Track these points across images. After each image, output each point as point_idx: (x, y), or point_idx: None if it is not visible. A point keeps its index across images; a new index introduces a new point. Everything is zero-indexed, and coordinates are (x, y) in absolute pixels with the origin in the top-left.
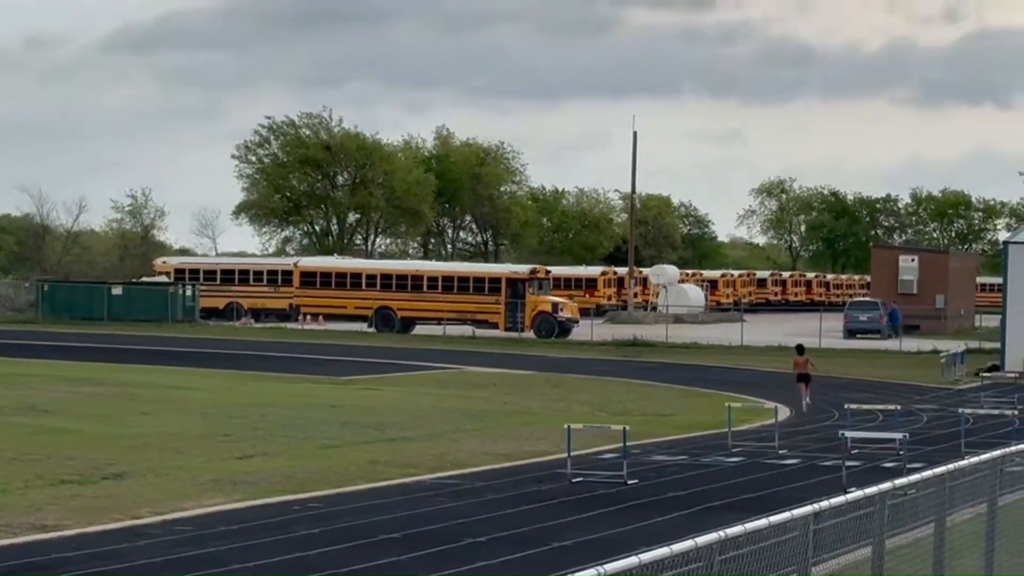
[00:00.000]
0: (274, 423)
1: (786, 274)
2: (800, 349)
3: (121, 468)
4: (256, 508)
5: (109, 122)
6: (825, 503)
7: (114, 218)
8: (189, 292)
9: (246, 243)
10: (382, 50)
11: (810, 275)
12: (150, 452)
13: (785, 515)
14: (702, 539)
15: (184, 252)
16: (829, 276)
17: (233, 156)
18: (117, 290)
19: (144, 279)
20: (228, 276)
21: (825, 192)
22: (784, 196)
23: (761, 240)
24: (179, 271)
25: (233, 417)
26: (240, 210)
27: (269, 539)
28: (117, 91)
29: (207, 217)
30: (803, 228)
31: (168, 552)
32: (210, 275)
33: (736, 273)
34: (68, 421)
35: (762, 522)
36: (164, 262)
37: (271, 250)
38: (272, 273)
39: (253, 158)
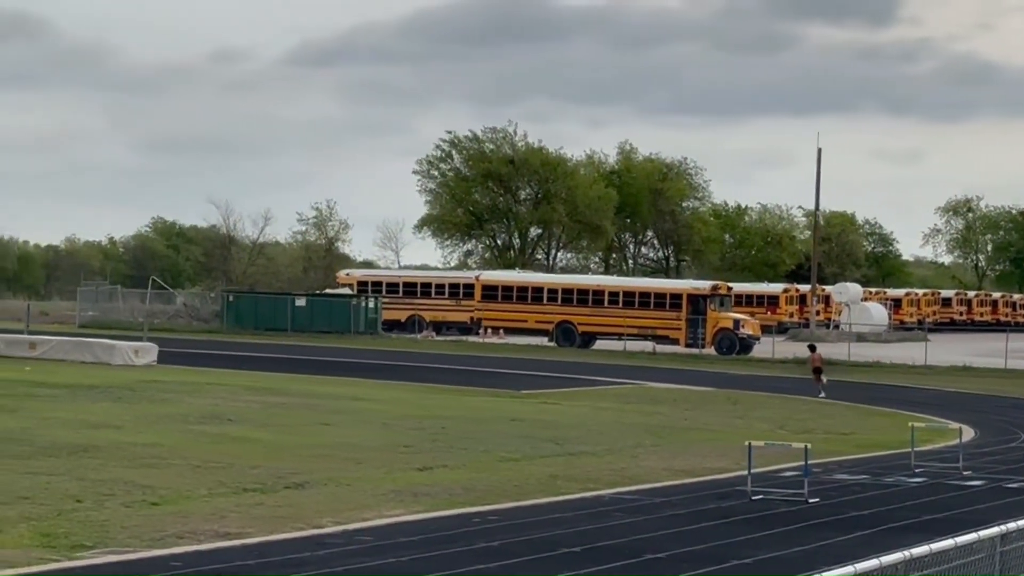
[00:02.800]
0: (454, 435)
1: (971, 293)
2: (812, 348)
3: (303, 478)
4: (436, 520)
5: (293, 135)
6: (1012, 525)
7: (299, 230)
8: (372, 304)
9: (428, 256)
10: (560, 67)
11: (996, 295)
12: (331, 462)
13: (971, 536)
14: (887, 558)
15: (367, 265)
16: (1016, 296)
17: (415, 171)
18: (301, 302)
19: (327, 291)
20: (410, 289)
21: (1013, 212)
22: (971, 215)
23: (947, 259)
24: (362, 283)
25: (413, 429)
26: (423, 224)
27: (449, 551)
28: (301, 105)
29: (390, 230)
30: (990, 248)
31: (349, 562)
32: (392, 288)
33: (920, 292)
34: (251, 430)
35: (948, 542)
36: (347, 274)
37: (453, 263)
38: (454, 286)
39: (436, 172)
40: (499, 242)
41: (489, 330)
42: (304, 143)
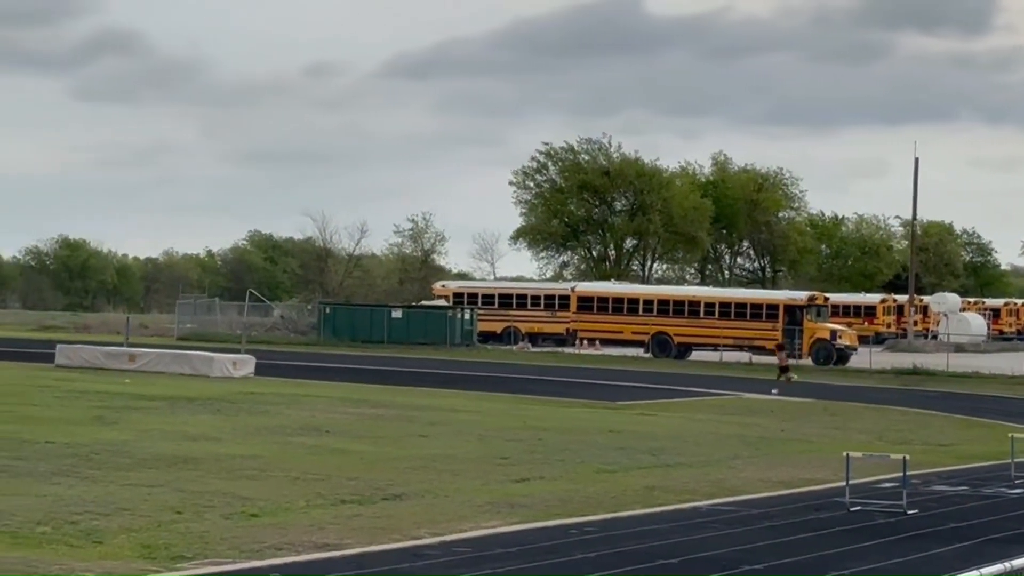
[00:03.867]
0: (551, 447)
1: None
2: (780, 347)
3: (400, 489)
4: (533, 531)
5: (388, 148)
6: None
7: (395, 242)
8: (467, 316)
9: (524, 267)
10: (654, 78)
11: None
12: (428, 474)
13: None
14: (987, 570)
15: (463, 276)
16: None
17: (510, 183)
18: (397, 313)
19: (423, 303)
20: (506, 300)
21: None
22: None
23: None
24: (457, 295)
25: (510, 440)
26: (518, 235)
27: (546, 562)
28: (395, 117)
29: (486, 241)
30: None
31: (447, 573)
32: (488, 299)
33: (1019, 302)
34: (348, 442)
35: None
36: (443, 286)
37: (548, 275)
38: (549, 298)
39: (531, 183)
40: (594, 253)
41: (585, 341)
42: (399, 155)
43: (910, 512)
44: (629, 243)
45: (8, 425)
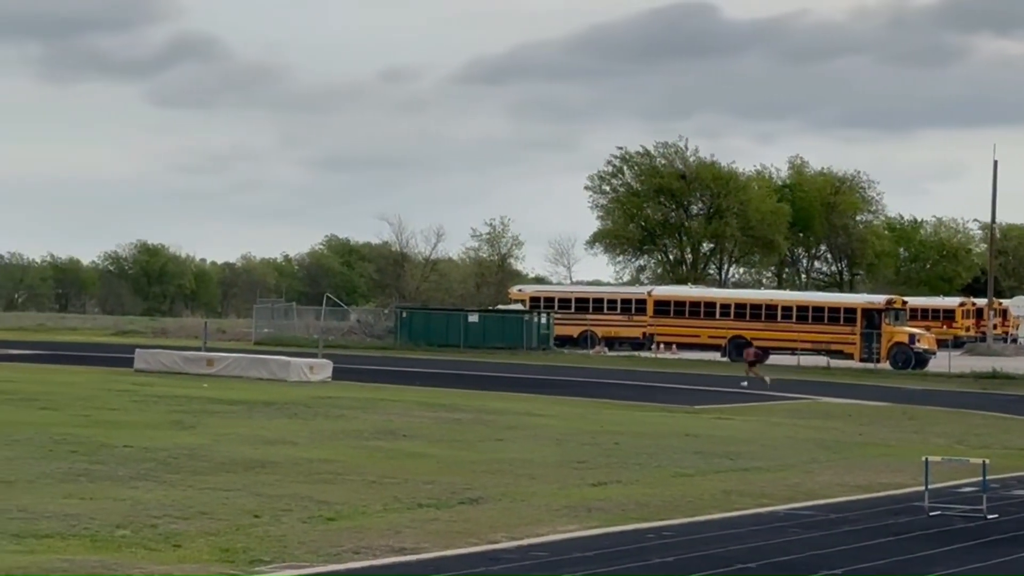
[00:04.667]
0: (627, 451)
1: None
2: (748, 343)
3: (477, 493)
4: (610, 535)
5: (464, 152)
6: None
7: (471, 246)
8: (544, 320)
9: (600, 271)
10: (730, 81)
11: None
12: (505, 477)
13: None
14: None
15: (539, 280)
16: None
17: (587, 187)
18: (473, 317)
19: (500, 307)
20: (582, 304)
21: None
22: None
23: None
24: (534, 299)
25: (586, 444)
26: (595, 239)
27: (623, 566)
28: (471, 122)
29: (562, 246)
30: None
31: None
32: (564, 303)
33: None
34: (425, 446)
35: None
36: (520, 290)
37: (625, 279)
38: (626, 302)
39: (607, 188)
40: (671, 257)
41: (661, 345)
42: (475, 160)
43: (990, 517)
44: (706, 247)
45: (87, 429)
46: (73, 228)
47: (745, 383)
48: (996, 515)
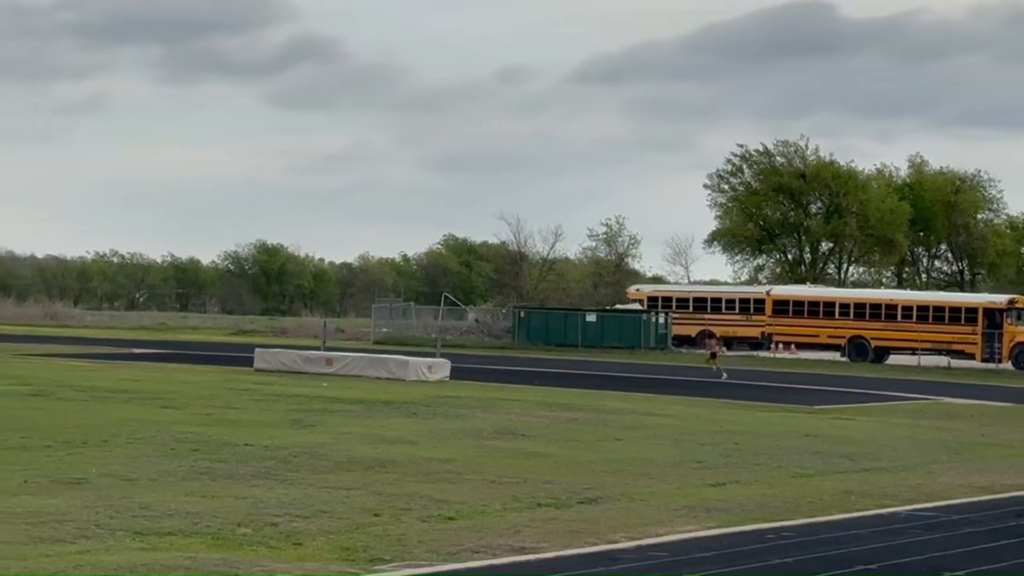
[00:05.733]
0: (746, 451)
1: None
2: (711, 335)
3: (596, 493)
4: (729, 535)
5: (581, 152)
6: None
7: (588, 246)
8: (662, 320)
9: (718, 271)
10: (848, 80)
11: None
12: (623, 477)
13: None
14: None
15: (657, 280)
16: None
17: (705, 186)
18: (591, 317)
19: (617, 306)
20: (700, 304)
21: None
22: None
23: None
24: (652, 299)
25: (705, 444)
26: (713, 238)
27: (743, 567)
28: (587, 122)
29: (680, 245)
30: None
31: None
32: (682, 303)
33: None
34: (543, 445)
35: None
36: (637, 290)
37: (743, 278)
38: (744, 301)
39: (726, 186)
40: (790, 256)
41: (780, 345)
42: (592, 159)
43: None
44: (825, 246)
45: (209, 428)
46: (193, 228)
47: (725, 376)
48: None
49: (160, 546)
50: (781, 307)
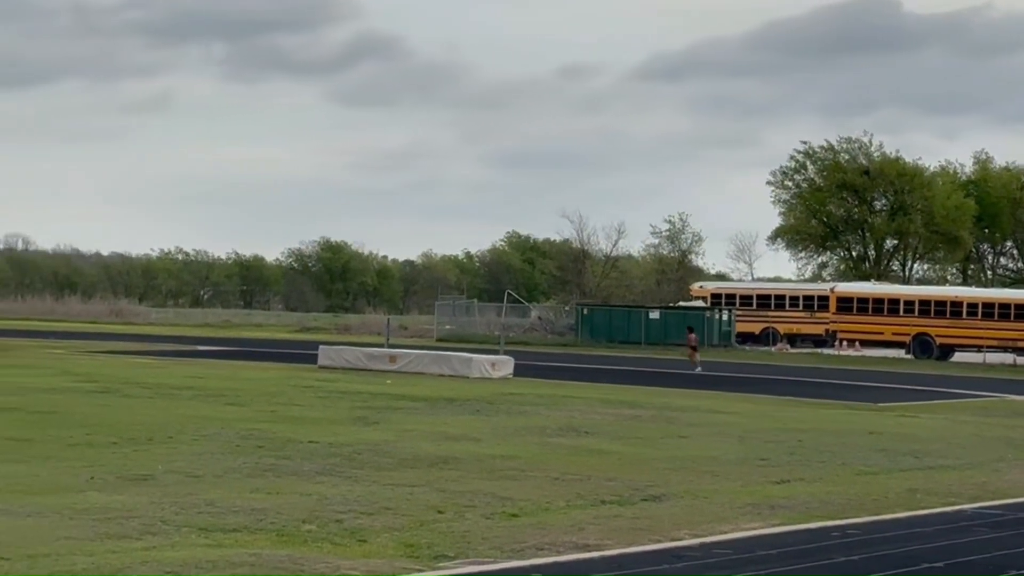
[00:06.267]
0: (810, 448)
1: None
2: (690, 329)
3: (659, 490)
4: (793, 533)
5: (643, 149)
6: None
7: (651, 243)
8: (725, 317)
9: (781, 268)
10: (912, 76)
11: None
12: (687, 475)
13: None
14: None
15: (720, 277)
16: None
17: (768, 183)
18: (654, 314)
19: (681, 303)
20: (764, 301)
21: None
22: None
23: None
24: (715, 296)
25: (769, 442)
26: (776, 235)
27: (807, 564)
28: (650, 119)
29: (743, 242)
30: None
31: (707, 575)
32: (746, 300)
33: None
34: (607, 443)
35: None
36: (700, 287)
37: (807, 275)
38: (808, 298)
39: (789, 183)
40: (854, 253)
41: (844, 342)
42: (654, 157)
43: None
44: (889, 243)
45: (273, 425)
46: (257, 225)
47: (698, 368)
48: None
49: (225, 542)
50: (845, 304)
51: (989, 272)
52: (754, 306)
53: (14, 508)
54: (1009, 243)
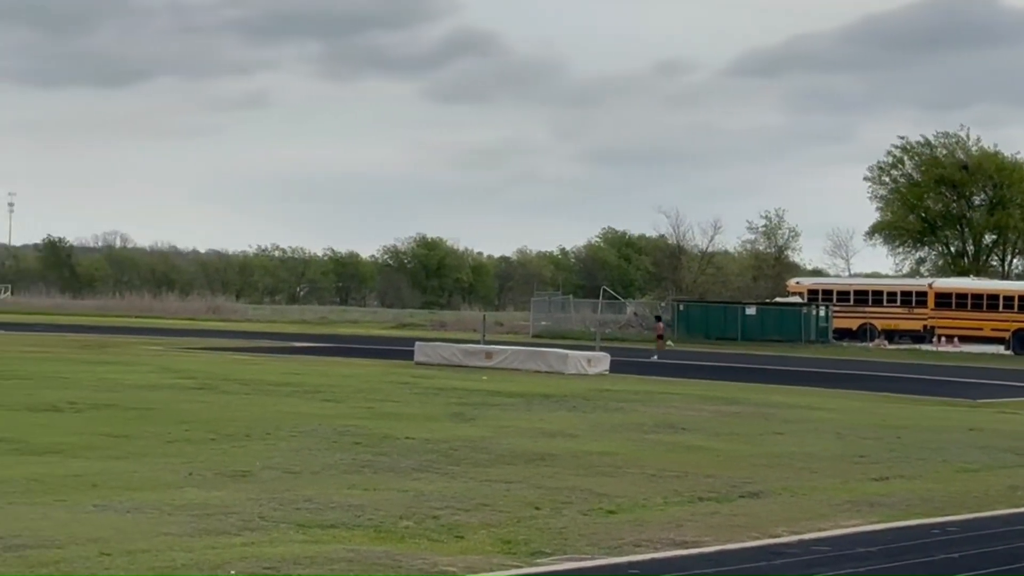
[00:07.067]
0: (909, 445)
1: None
2: (658, 318)
3: (757, 487)
4: (893, 530)
5: (739, 144)
6: None
7: (748, 239)
8: (822, 313)
9: (879, 264)
10: (1008, 71)
11: None
12: (785, 471)
13: None
14: None
15: (817, 273)
16: None
17: (865, 178)
18: (751, 310)
19: (777, 299)
20: (861, 297)
21: None
22: None
23: None
24: (812, 292)
25: (867, 438)
26: (874, 231)
27: (907, 562)
28: (745, 114)
29: (840, 238)
30: None
31: (806, 572)
32: (843, 296)
33: None
34: (703, 439)
35: None
36: (797, 283)
37: (904, 271)
38: (906, 294)
39: (887, 179)
40: (952, 249)
41: (943, 338)
42: (750, 152)
43: None
44: (988, 238)
45: (370, 421)
46: (353, 222)
47: (655, 356)
48: None
49: (323, 539)
50: (944, 300)
51: None
52: (851, 302)
53: (114, 504)
54: None
